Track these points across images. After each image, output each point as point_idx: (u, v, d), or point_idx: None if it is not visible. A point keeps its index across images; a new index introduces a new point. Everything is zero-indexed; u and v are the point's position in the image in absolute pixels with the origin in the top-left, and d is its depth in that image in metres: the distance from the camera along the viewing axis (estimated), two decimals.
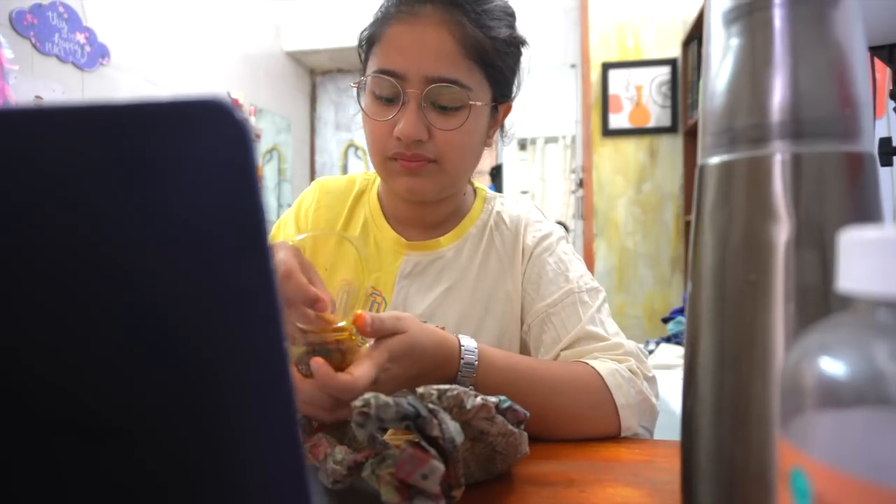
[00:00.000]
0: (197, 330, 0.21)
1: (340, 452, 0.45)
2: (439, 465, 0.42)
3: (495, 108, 0.77)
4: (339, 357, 0.52)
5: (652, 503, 0.48)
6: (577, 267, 0.79)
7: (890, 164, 0.89)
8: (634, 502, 0.48)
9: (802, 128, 0.30)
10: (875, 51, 0.88)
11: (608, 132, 3.38)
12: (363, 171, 0.95)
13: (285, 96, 3.89)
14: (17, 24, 2.04)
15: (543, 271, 0.77)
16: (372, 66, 0.72)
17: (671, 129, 3.33)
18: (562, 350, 0.72)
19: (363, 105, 0.73)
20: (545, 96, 3.58)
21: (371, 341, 0.55)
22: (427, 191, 0.75)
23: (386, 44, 0.70)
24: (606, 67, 3.38)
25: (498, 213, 0.84)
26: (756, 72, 0.31)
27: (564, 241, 0.82)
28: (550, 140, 3.63)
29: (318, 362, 0.49)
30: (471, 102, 0.70)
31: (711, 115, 0.34)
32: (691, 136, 3.21)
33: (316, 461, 0.46)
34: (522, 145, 3.63)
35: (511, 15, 0.76)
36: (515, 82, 0.80)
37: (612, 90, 3.38)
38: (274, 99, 3.68)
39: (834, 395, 0.19)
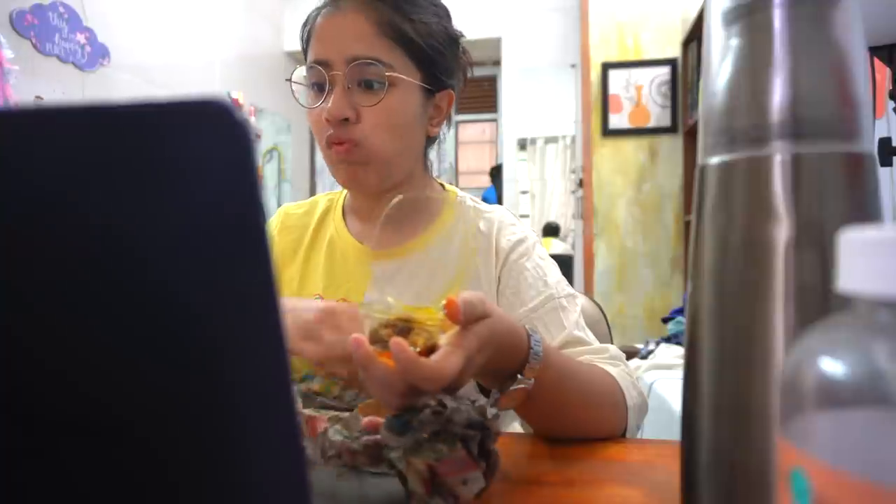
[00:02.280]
0: (198, 329, 0.21)
1: (338, 431, 0.45)
2: (483, 479, 0.42)
3: (430, 92, 0.78)
4: (421, 341, 0.47)
5: (652, 503, 0.48)
6: (553, 272, 0.79)
7: (890, 164, 0.89)
8: (634, 502, 0.48)
9: (802, 128, 0.30)
10: (875, 51, 0.88)
11: (608, 132, 3.38)
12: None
13: (285, 96, 3.88)
14: (18, 24, 2.04)
15: (522, 276, 0.77)
16: (307, 62, 0.76)
17: (671, 129, 3.34)
18: None
19: (298, 99, 0.78)
20: (545, 96, 3.58)
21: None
22: (365, 179, 0.76)
23: (314, 38, 0.76)
24: (606, 67, 3.38)
25: (469, 215, 0.84)
26: (756, 72, 0.31)
27: (539, 245, 0.82)
28: (550, 140, 3.64)
29: (398, 344, 0.44)
30: (391, 75, 0.73)
31: (711, 115, 0.34)
32: (691, 136, 3.21)
33: (312, 436, 0.46)
34: (522, 145, 3.63)
35: (437, 5, 0.79)
36: (458, 75, 0.82)
37: (611, 90, 3.39)
38: (274, 99, 3.69)
39: (834, 395, 0.19)
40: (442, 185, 0.89)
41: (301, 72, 0.77)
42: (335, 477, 0.45)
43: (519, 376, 0.53)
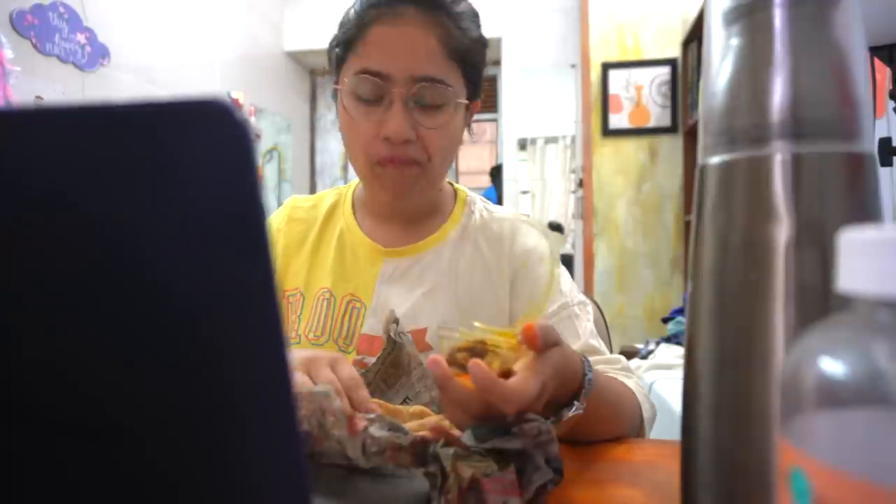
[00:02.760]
0: (198, 329, 0.21)
1: (384, 427, 0.45)
2: None
3: (467, 106, 0.78)
4: (497, 364, 0.47)
5: (652, 503, 0.48)
6: (566, 279, 0.79)
7: (890, 164, 0.89)
8: (634, 502, 0.48)
9: (802, 128, 0.30)
10: (875, 51, 0.88)
11: (608, 132, 3.38)
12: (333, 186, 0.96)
13: (285, 96, 3.89)
14: (18, 24, 2.04)
15: (537, 284, 0.77)
16: (353, 68, 0.71)
17: (671, 129, 3.33)
18: None
19: (345, 107, 0.73)
20: (545, 96, 3.58)
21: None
22: (411, 196, 0.76)
23: (368, 45, 0.70)
24: (606, 67, 3.38)
25: (482, 216, 0.83)
26: (756, 72, 0.31)
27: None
28: (550, 140, 3.63)
29: (477, 364, 0.44)
30: (455, 101, 0.72)
31: (711, 115, 0.34)
32: (691, 136, 3.21)
33: (353, 434, 0.45)
34: (522, 145, 3.63)
35: (477, 16, 0.78)
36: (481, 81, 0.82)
37: (611, 90, 3.38)
38: (274, 99, 3.69)
39: (834, 395, 0.19)
40: (451, 184, 0.89)
41: (356, 81, 0.71)
42: (356, 476, 0.45)
43: (576, 403, 0.52)
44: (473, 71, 0.75)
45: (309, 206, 0.88)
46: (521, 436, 0.44)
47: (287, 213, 0.88)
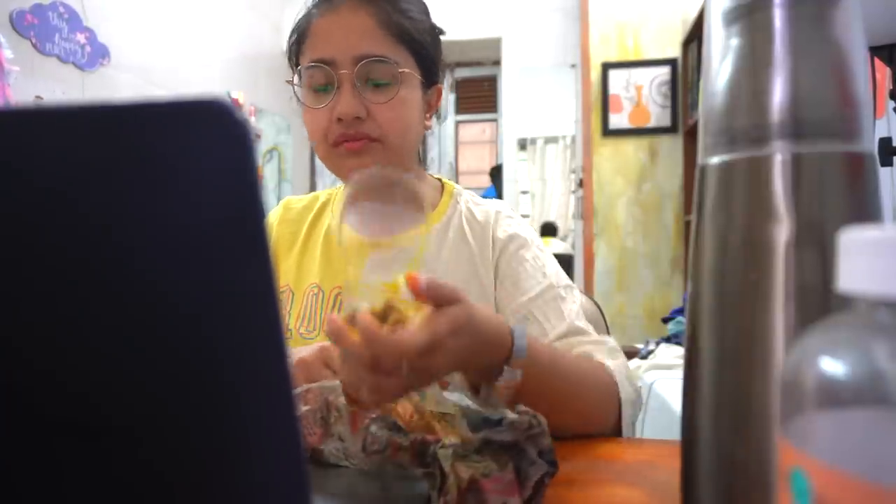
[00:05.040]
0: (197, 329, 0.21)
1: (384, 426, 0.45)
2: None
3: (425, 88, 0.80)
4: (394, 318, 0.47)
5: (652, 503, 0.48)
6: (551, 263, 0.80)
7: (890, 164, 0.89)
8: (634, 502, 0.48)
9: (802, 128, 0.30)
10: (875, 51, 0.88)
11: (608, 132, 3.38)
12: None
13: (285, 96, 3.88)
14: (18, 24, 2.04)
15: (522, 267, 0.78)
16: (303, 62, 0.76)
17: (671, 129, 3.33)
18: (551, 343, 0.73)
19: (302, 100, 0.77)
20: (545, 96, 3.58)
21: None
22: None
23: (312, 37, 0.75)
24: (606, 67, 3.38)
25: (468, 208, 0.85)
26: (756, 72, 0.31)
27: (536, 237, 0.83)
28: (550, 140, 3.63)
29: (364, 317, 0.44)
30: (400, 71, 0.74)
31: (711, 115, 0.34)
32: (691, 136, 3.21)
33: (354, 431, 0.45)
34: (522, 145, 3.63)
35: (423, 4, 0.81)
36: (443, 69, 0.85)
37: (611, 90, 3.38)
38: (274, 99, 3.68)
39: (834, 395, 0.19)
40: (439, 179, 0.90)
41: (307, 73, 0.76)
42: (357, 476, 0.46)
43: (505, 367, 0.53)
44: (422, 51, 0.77)
45: (301, 207, 0.90)
46: (513, 429, 0.44)
47: (280, 213, 0.90)
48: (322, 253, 0.83)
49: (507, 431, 0.44)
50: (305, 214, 0.88)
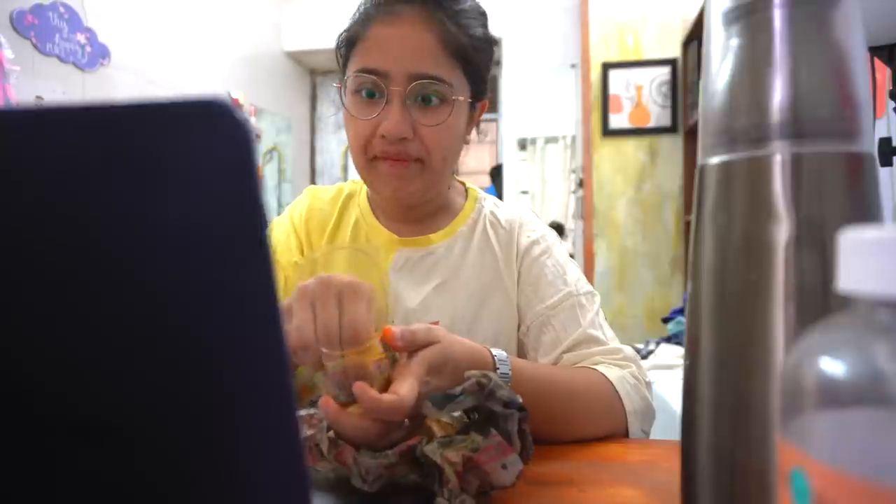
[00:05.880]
0: (196, 330, 0.21)
1: (368, 455, 0.46)
2: (520, 461, 0.44)
3: (472, 105, 0.79)
4: (381, 379, 0.49)
5: (652, 503, 0.48)
6: (573, 270, 0.80)
7: (890, 164, 0.89)
8: (634, 502, 0.48)
9: (802, 128, 0.30)
10: (875, 51, 0.88)
11: (608, 132, 3.38)
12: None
13: (285, 96, 3.89)
14: (18, 24, 2.04)
15: (542, 273, 0.78)
16: (354, 66, 0.72)
17: (671, 129, 3.33)
18: (563, 352, 0.73)
19: (346, 105, 0.74)
20: (545, 96, 3.58)
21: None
22: (412, 193, 0.75)
23: (368, 43, 0.71)
24: (606, 67, 3.38)
25: (492, 212, 0.85)
26: (756, 72, 0.31)
27: (559, 244, 0.83)
28: (550, 140, 3.63)
29: (360, 386, 0.45)
30: (453, 98, 0.72)
31: (711, 115, 0.34)
32: (691, 136, 3.21)
33: (344, 465, 0.46)
34: (522, 145, 3.63)
35: (483, 14, 0.78)
36: (488, 83, 0.83)
37: (612, 90, 3.38)
38: (274, 99, 3.69)
39: (834, 395, 0.19)
40: (462, 183, 0.90)
41: (356, 79, 0.72)
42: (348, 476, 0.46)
43: None
44: (476, 70, 0.75)
45: (328, 198, 0.89)
46: (470, 393, 0.46)
47: (308, 202, 0.88)
48: (350, 243, 0.82)
49: (467, 398, 0.46)
50: (333, 203, 0.87)
